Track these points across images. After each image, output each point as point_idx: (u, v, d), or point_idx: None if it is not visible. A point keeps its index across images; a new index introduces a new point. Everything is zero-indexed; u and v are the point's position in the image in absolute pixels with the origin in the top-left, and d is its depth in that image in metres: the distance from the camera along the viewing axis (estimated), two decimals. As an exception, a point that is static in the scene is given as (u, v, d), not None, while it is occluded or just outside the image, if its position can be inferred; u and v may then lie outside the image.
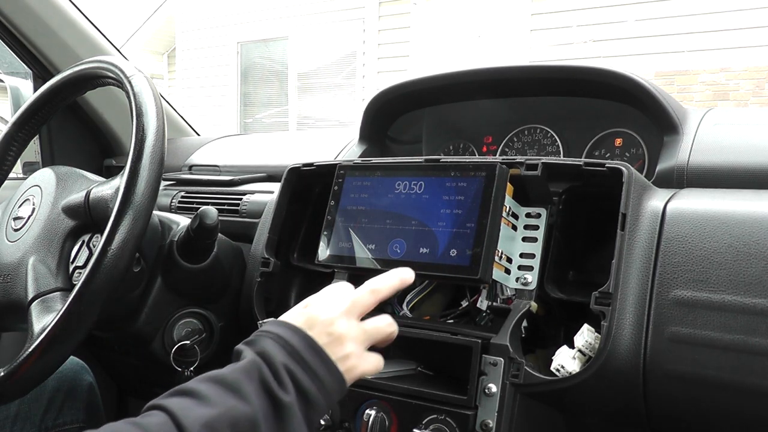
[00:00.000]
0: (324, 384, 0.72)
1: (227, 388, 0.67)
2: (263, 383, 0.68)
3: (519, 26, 6.50)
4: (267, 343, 0.72)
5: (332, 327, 0.75)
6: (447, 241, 0.91)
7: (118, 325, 1.13)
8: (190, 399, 0.65)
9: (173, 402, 0.65)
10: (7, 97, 1.75)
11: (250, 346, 0.73)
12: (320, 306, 0.78)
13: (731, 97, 5.66)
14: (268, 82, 8.69)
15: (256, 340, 0.73)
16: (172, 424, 0.62)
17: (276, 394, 0.68)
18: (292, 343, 0.72)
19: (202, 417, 0.63)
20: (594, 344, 0.85)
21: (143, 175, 0.89)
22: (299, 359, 0.72)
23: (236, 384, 0.67)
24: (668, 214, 0.88)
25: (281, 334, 0.73)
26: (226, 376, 0.68)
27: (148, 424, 0.62)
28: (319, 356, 0.73)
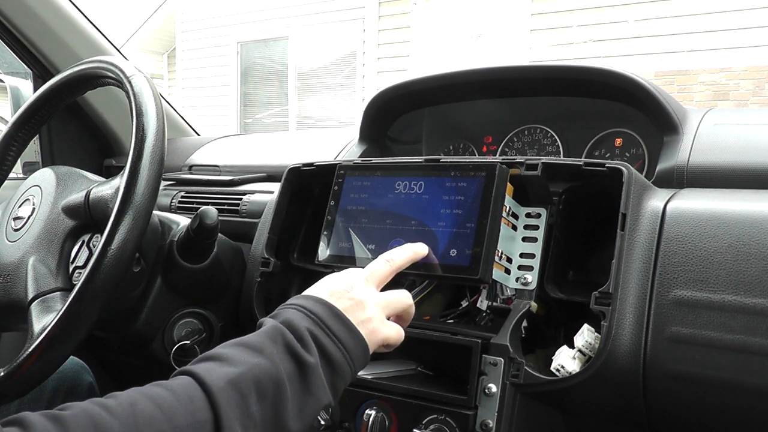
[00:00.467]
0: (347, 349, 0.73)
1: (251, 349, 0.68)
2: (287, 346, 0.69)
3: (519, 26, 6.50)
4: (289, 312, 0.74)
5: (352, 292, 0.78)
6: (447, 241, 0.91)
7: (118, 325, 1.13)
8: (215, 362, 0.66)
9: (197, 366, 0.66)
10: (7, 97, 1.75)
11: (273, 318, 0.74)
12: (340, 277, 0.81)
13: (731, 97, 5.66)
14: (268, 82, 8.69)
15: (279, 313, 0.75)
16: (195, 383, 0.63)
17: (300, 354, 0.69)
18: (314, 311, 0.74)
19: (225, 375, 0.64)
20: (594, 344, 0.85)
21: (143, 175, 0.89)
22: (322, 325, 0.73)
23: (260, 345, 0.68)
24: (668, 214, 0.88)
25: (303, 304, 0.75)
26: (250, 340, 0.69)
27: (171, 384, 0.63)
28: (341, 322, 0.74)
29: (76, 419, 0.56)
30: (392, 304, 0.81)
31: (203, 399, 0.62)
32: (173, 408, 0.60)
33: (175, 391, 0.62)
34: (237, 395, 0.63)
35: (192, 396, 0.62)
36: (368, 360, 0.77)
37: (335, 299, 0.77)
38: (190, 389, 0.62)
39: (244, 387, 0.64)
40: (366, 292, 0.79)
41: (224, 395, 0.62)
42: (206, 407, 0.61)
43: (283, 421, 0.65)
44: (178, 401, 0.61)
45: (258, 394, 0.64)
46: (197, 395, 0.62)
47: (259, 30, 8.49)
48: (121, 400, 0.59)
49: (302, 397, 0.68)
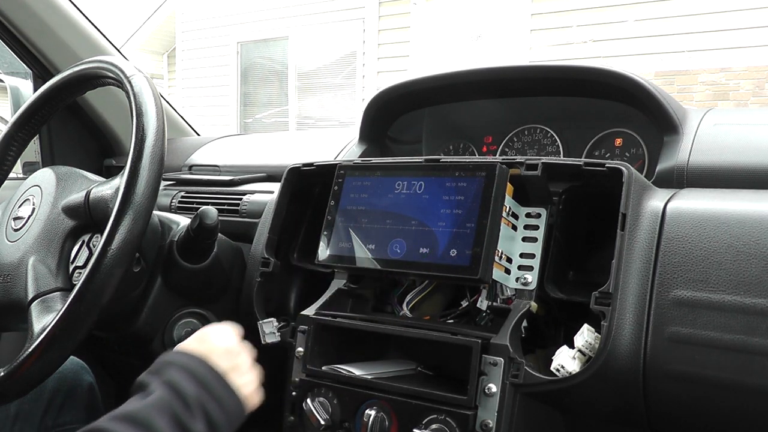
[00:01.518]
0: (230, 414, 0.75)
1: (142, 428, 0.68)
2: (174, 417, 0.70)
3: (519, 26, 6.50)
4: (175, 374, 0.74)
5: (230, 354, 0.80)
6: (447, 241, 0.91)
7: (118, 325, 1.13)
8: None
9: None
10: (7, 97, 1.75)
11: (157, 377, 0.74)
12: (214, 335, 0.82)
13: (731, 97, 5.66)
14: (268, 82, 8.69)
15: (162, 370, 0.75)
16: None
17: (186, 425, 0.70)
18: (199, 373, 0.75)
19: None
20: (594, 344, 0.85)
21: (143, 175, 0.89)
22: (208, 390, 0.74)
23: (149, 421, 0.68)
24: (668, 214, 0.88)
25: (187, 363, 0.75)
26: (138, 414, 0.69)
27: None
28: (225, 386, 0.76)
29: None
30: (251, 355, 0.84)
31: None
32: None
33: None
34: None
35: None
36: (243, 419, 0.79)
37: (215, 358, 0.77)
38: None
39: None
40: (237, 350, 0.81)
41: None
42: None
43: None
44: None
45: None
46: None
47: (259, 30, 8.48)
48: None
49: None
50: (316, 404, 0.94)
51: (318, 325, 0.98)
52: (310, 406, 0.94)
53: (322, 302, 1.01)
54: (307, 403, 0.95)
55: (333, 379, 0.95)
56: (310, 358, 0.97)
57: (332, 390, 0.95)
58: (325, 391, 0.95)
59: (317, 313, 0.99)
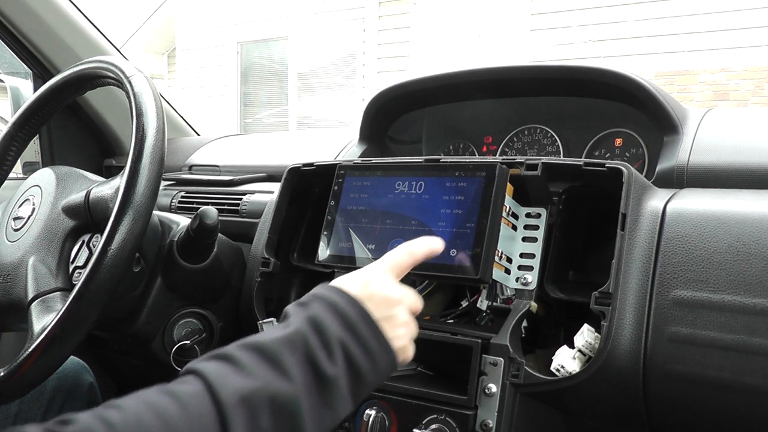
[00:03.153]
0: (378, 363, 0.69)
1: (267, 360, 0.63)
2: (308, 355, 0.64)
3: (519, 26, 6.50)
4: (320, 310, 0.68)
5: (389, 300, 0.73)
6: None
7: (118, 325, 1.13)
8: (229, 365, 0.61)
9: (210, 367, 0.61)
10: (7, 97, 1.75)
11: (302, 310, 0.69)
12: (376, 276, 0.75)
13: (731, 97, 5.66)
14: (268, 82, 8.69)
15: (309, 305, 0.69)
16: (207, 394, 0.59)
17: (322, 367, 0.64)
18: (348, 314, 0.69)
19: (240, 389, 0.60)
20: (594, 344, 0.85)
21: (143, 175, 0.89)
22: (355, 333, 0.68)
23: (277, 356, 0.63)
24: (668, 214, 0.88)
25: (337, 302, 0.69)
26: (267, 346, 0.64)
27: (181, 392, 0.58)
28: (375, 333, 0.69)
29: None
30: (413, 306, 0.77)
31: (213, 416, 0.58)
32: (180, 426, 0.56)
33: (186, 404, 0.57)
34: (249, 412, 0.59)
35: (202, 412, 0.57)
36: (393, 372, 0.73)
37: (373, 304, 0.71)
38: (200, 402, 0.58)
39: (257, 403, 0.60)
40: (398, 302, 0.74)
41: (236, 414, 0.58)
42: (216, 424, 0.57)
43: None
44: (187, 418, 0.57)
45: (271, 410, 0.60)
46: (207, 411, 0.58)
47: (259, 30, 8.48)
48: (127, 414, 0.56)
49: (320, 411, 0.64)
50: (316, 404, 0.94)
51: (318, 325, 0.98)
52: (310, 406, 0.94)
53: (322, 302, 1.01)
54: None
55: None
56: (310, 358, 0.97)
57: (332, 390, 0.95)
58: (325, 391, 0.95)
59: (317, 313, 0.99)
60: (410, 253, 0.79)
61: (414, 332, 0.76)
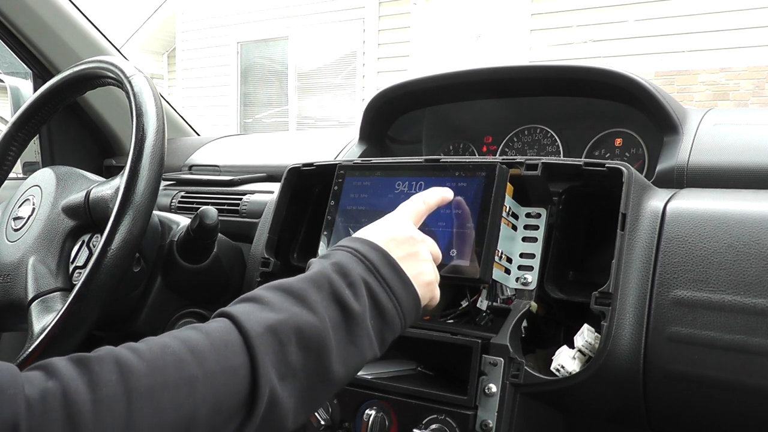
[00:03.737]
0: (400, 301, 0.70)
1: (294, 297, 0.64)
2: (334, 293, 0.66)
3: (519, 26, 6.50)
4: (342, 255, 0.70)
5: (409, 241, 0.75)
6: (447, 241, 0.91)
7: (118, 325, 1.13)
8: (255, 304, 0.63)
9: (237, 307, 0.63)
10: (7, 97, 1.75)
11: (325, 259, 0.70)
12: (394, 222, 0.77)
13: (731, 97, 5.66)
14: (268, 82, 8.69)
15: (331, 254, 0.71)
16: (233, 326, 0.60)
17: (347, 302, 0.66)
18: (369, 257, 0.70)
19: (265, 320, 0.61)
20: (594, 344, 0.85)
21: (143, 175, 0.89)
22: (376, 273, 0.70)
23: (303, 293, 0.65)
24: (668, 214, 0.88)
25: (358, 248, 0.71)
26: (293, 285, 0.66)
27: (209, 327, 0.60)
28: (396, 272, 0.71)
29: (100, 361, 0.54)
30: (434, 251, 0.79)
31: (240, 343, 0.59)
32: (206, 352, 0.57)
33: (211, 334, 0.59)
34: (276, 342, 0.60)
35: (227, 340, 0.59)
36: (419, 317, 0.74)
37: (392, 247, 0.73)
38: (226, 333, 0.59)
39: (283, 335, 0.61)
40: (420, 240, 0.76)
41: (262, 341, 0.59)
42: (242, 352, 0.59)
43: (325, 371, 0.63)
44: (212, 345, 0.58)
45: (299, 342, 0.62)
46: (233, 339, 0.59)
47: (259, 30, 8.48)
48: (151, 343, 0.57)
49: (347, 347, 0.65)
50: (316, 404, 0.94)
51: (318, 325, 0.98)
52: (310, 406, 0.94)
53: (322, 302, 1.01)
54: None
55: (333, 379, 0.95)
56: (310, 358, 0.97)
57: (332, 390, 0.95)
58: (325, 391, 0.95)
59: (317, 313, 0.99)
60: (423, 200, 0.83)
61: (437, 277, 0.78)
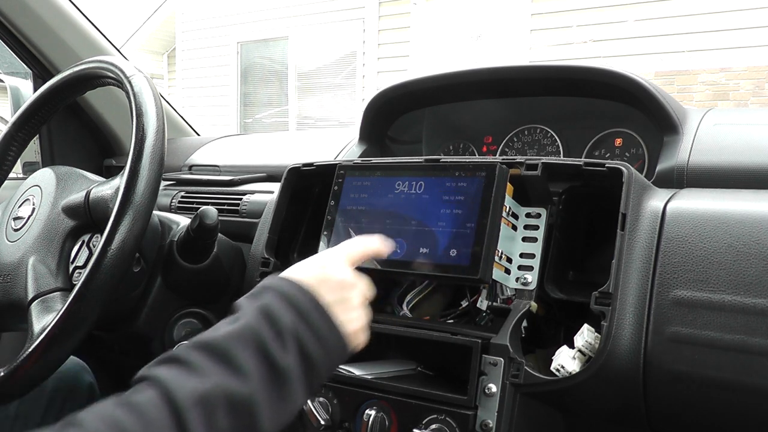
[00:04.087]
0: (329, 350, 0.69)
1: (219, 358, 0.62)
2: (260, 348, 0.64)
3: (519, 26, 6.50)
4: (272, 300, 0.68)
5: (341, 284, 0.73)
6: (447, 241, 0.91)
7: (118, 325, 1.13)
8: (181, 368, 0.61)
9: (164, 372, 0.61)
10: (7, 97, 1.75)
11: (253, 301, 0.68)
12: (326, 262, 0.75)
13: (731, 97, 5.66)
14: (268, 82, 8.69)
15: (260, 294, 0.69)
16: (163, 400, 0.58)
17: (274, 357, 0.64)
18: (299, 302, 0.68)
19: (195, 391, 0.59)
20: (594, 344, 0.85)
21: (143, 175, 0.89)
22: (307, 321, 0.68)
23: (229, 353, 0.63)
24: (668, 214, 0.88)
25: (288, 291, 0.69)
26: (220, 344, 0.63)
27: (137, 402, 0.58)
28: (326, 318, 0.69)
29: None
30: (366, 293, 0.77)
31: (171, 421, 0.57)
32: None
33: (143, 413, 0.57)
34: (205, 413, 0.59)
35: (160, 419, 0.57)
36: (345, 359, 0.73)
37: (324, 290, 0.71)
38: (158, 410, 0.57)
39: (212, 405, 0.59)
40: (352, 285, 0.74)
41: (193, 416, 0.58)
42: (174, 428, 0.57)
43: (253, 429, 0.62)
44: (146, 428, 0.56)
45: (228, 408, 0.60)
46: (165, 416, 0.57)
47: (259, 30, 8.48)
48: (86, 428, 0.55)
49: (276, 404, 0.64)
50: (316, 404, 0.94)
51: (318, 325, 0.98)
52: (310, 406, 0.94)
53: (322, 302, 1.01)
54: (307, 402, 0.95)
55: (333, 379, 0.95)
56: (310, 358, 0.97)
57: (332, 390, 0.95)
58: (325, 391, 0.95)
59: (317, 313, 0.99)
60: (365, 245, 0.82)
61: (367, 320, 0.76)
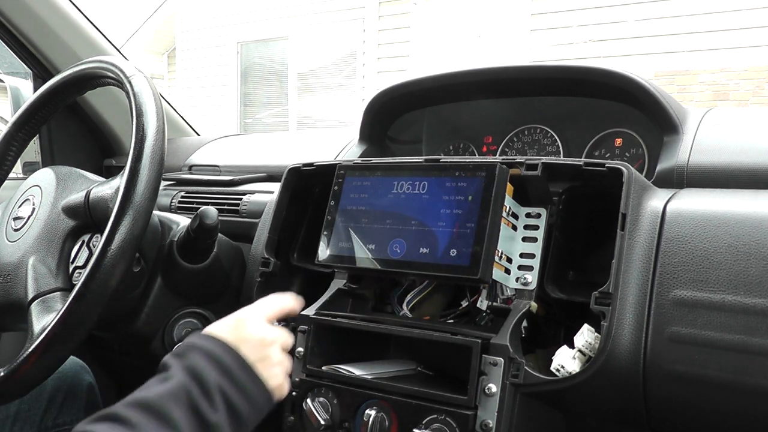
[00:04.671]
0: (254, 404, 0.74)
1: (156, 416, 0.66)
2: (192, 405, 0.68)
3: (519, 26, 6.50)
4: (198, 359, 0.72)
5: (262, 345, 0.78)
6: (447, 241, 0.91)
7: (118, 325, 1.13)
8: (121, 427, 0.65)
9: (102, 429, 0.64)
10: (7, 97, 1.75)
11: (180, 360, 0.73)
12: (246, 321, 0.80)
13: (731, 97, 5.66)
14: (268, 82, 8.69)
15: (186, 354, 0.73)
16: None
17: (204, 414, 0.68)
18: (224, 361, 0.73)
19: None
20: (594, 344, 0.85)
21: (143, 175, 0.89)
22: (231, 378, 0.72)
23: (164, 410, 0.67)
24: (668, 214, 0.88)
25: (213, 350, 0.74)
26: (154, 402, 0.68)
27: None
28: (250, 374, 0.75)
29: None
30: (285, 344, 0.83)
31: None
32: None
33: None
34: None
35: None
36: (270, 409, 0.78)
37: (247, 348, 0.76)
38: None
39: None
40: (270, 343, 0.79)
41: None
42: None
43: None
44: None
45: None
46: None
47: (259, 30, 8.48)
48: None
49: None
50: (316, 404, 0.94)
51: (318, 325, 0.98)
52: (310, 406, 0.94)
53: (322, 302, 1.01)
54: (307, 403, 0.95)
55: (333, 379, 0.95)
56: (310, 358, 0.97)
57: (332, 390, 0.95)
58: (325, 391, 0.95)
59: (317, 313, 0.99)
60: (280, 303, 0.86)
61: (288, 368, 0.82)
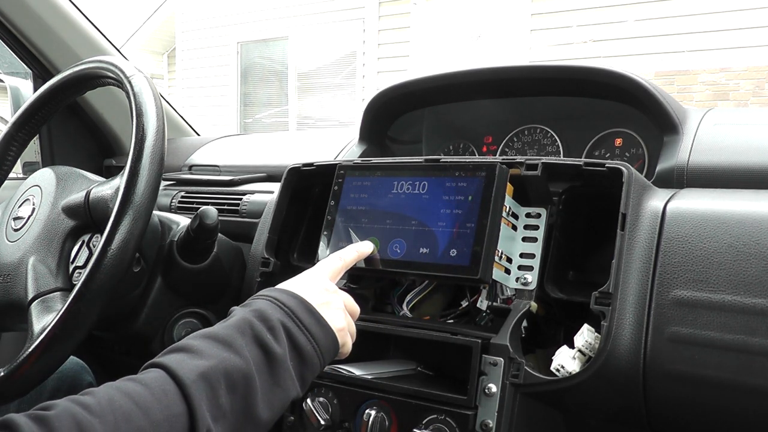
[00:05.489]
0: (318, 342, 0.76)
1: (220, 342, 0.69)
2: (256, 336, 0.71)
3: (519, 26, 6.50)
4: (262, 303, 0.76)
5: (324, 290, 0.81)
6: (447, 241, 0.91)
7: (118, 325, 1.13)
8: (185, 353, 0.68)
9: (168, 358, 0.67)
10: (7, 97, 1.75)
11: (245, 307, 0.76)
12: (310, 275, 0.84)
13: (731, 97, 5.66)
14: (268, 82, 8.69)
15: (251, 302, 0.77)
16: (168, 376, 0.64)
17: (269, 345, 0.71)
18: (287, 303, 0.76)
19: (196, 368, 0.65)
20: (594, 344, 0.85)
21: (143, 175, 0.89)
22: (294, 317, 0.75)
23: (228, 338, 0.70)
24: (668, 214, 0.88)
25: (276, 296, 0.77)
26: (219, 332, 0.71)
27: (144, 378, 0.64)
28: (313, 315, 0.77)
29: (59, 419, 0.57)
30: (349, 304, 0.85)
31: (177, 393, 0.63)
32: (149, 403, 0.61)
33: (150, 385, 0.63)
34: (208, 387, 0.65)
35: (166, 390, 0.63)
36: (337, 354, 0.80)
37: (310, 293, 0.79)
38: (163, 383, 0.64)
39: (214, 379, 0.65)
40: (333, 292, 0.83)
41: (196, 388, 0.64)
42: (180, 401, 0.63)
43: (252, 411, 0.67)
44: (153, 396, 0.62)
45: (227, 386, 0.66)
46: (170, 389, 0.63)
47: (259, 30, 8.48)
48: (99, 397, 0.61)
49: (271, 388, 0.70)
50: (316, 404, 0.94)
51: (318, 325, 0.98)
52: (310, 406, 0.94)
53: (322, 302, 1.01)
54: (307, 403, 0.95)
55: (333, 379, 0.95)
56: (310, 358, 0.97)
57: (332, 390, 0.95)
58: (325, 391, 0.95)
59: (317, 313, 0.99)
60: (340, 257, 0.90)
61: (353, 330, 0.84)
